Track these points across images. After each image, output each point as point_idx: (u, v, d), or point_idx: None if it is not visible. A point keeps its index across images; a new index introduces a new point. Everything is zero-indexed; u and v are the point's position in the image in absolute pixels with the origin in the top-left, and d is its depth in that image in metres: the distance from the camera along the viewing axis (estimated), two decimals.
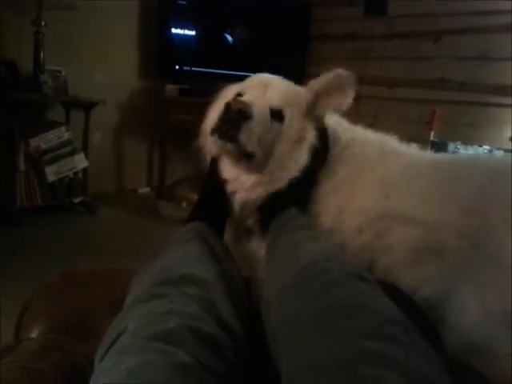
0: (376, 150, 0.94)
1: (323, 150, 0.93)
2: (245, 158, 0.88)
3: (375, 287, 0.56)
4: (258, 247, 0.94)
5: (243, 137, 0.83)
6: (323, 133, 0.94)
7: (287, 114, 0.91)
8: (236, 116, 0.82)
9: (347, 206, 0.88)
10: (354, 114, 1.05)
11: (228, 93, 1.00)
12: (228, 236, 0.99)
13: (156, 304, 0.55)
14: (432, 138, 3.04)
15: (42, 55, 2.81)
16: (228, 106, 0.83)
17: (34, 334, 0.72)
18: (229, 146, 0.85)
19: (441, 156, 1.07)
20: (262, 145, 0.87)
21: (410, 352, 0.43)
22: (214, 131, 0.86)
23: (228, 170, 0.95)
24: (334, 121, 0.99)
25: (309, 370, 0.44)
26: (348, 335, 0.45)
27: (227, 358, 0.52)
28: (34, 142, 2.76)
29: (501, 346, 0.67)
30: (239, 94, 0.93)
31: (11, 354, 0.57)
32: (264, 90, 0.92)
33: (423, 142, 2.66)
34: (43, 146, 2.80)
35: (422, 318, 0.70)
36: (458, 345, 0.69)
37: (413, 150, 0.98)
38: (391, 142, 0.98)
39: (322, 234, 0.84)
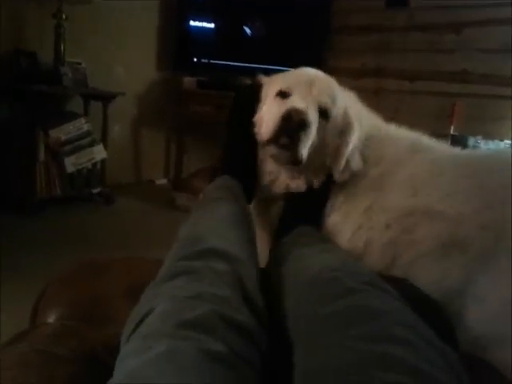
0: (406, 148, 0.94)
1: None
2: (294, 163, 0.89)
3: (388, 293, 0.56)
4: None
5: (302, 147, 0.83)
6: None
7: (333, 111, 0.91)
8: (296, 127, 0.82)
9: (376, 204, 0.90)
10: (374, 108, 1.04)
11: (272, 87, 0.98)
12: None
13: (183, 282, 0.54)
14: (452, 131, 2.99)
15: (62, 47, 2.84)
16: (289, 115, 0.82)
17: (50, 320, 0.73)
18: (285, 154, 0.86)
19: (467, 152, 1.08)
20: (310, 147, 0.88)
21: (420, 356, 0.42)
22: (271, 141, 0.86)
23: (270, 163, 0.95)
24: (367, 120, 0.99)
25: (321, 372, 0.44)
26: (360, 339, 0.45)
27: (258, 344, 0.52)
28: (53, 134, 2.79)
29: None
30: (284, 93, 0.92)
31: (27, 338, 0.57)
32: (310, 87, 0.91)
33: (443, 136, 2.62)
34: (63, 137, 2.83)
35: (437, 316, 0.70)
36: (476, 335, 0.69)
37: (442, 146, 0.98)
38: (421, 139, 0.98)
39: (334, 246, 0.85)
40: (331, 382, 0.42)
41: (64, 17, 2.80)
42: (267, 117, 0.91)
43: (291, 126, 0.82)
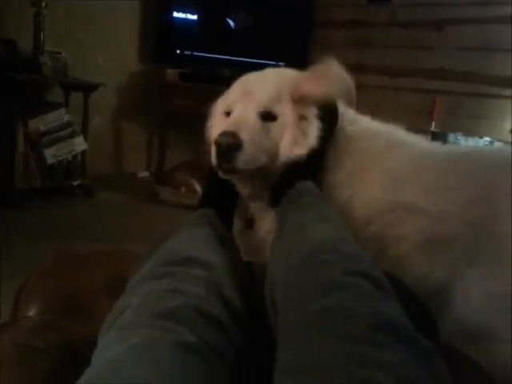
0: (383, 142, 0.95)
1: (330, 129, 0.94)
2: (252, 174, 0.90)
3: (379, 284, 0.55)
4: (265, 233, 0.95)
5: (241, 164, 0.84)
6: (329, 113, 0.94)
7: (278, 110, 0.92)
8: (228, 151, 0.83)
9: (356, 197, 0.90)
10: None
11: (218, 107, 1.01)
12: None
13: (161, 283, 0.56)
14: (433, 128, 3.03)
15: (41, 36, 2.78)
16: (217, 144, 0.84)
17: (31, 313, 0.73)
18: (232, 176, 0.90)
19: (447, 147, 1.09)
20: (263, 152, 0.88)
21: (407, 359, 0.43)
22: (216, 167, 0.87)
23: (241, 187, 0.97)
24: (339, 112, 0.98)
25: (300, 369, 0.44)
26: (344, 338, 0.45)
27: (232, 339, 0.53)
28: (33, 124, 2.74)
29: (501, 331, 0.70)
30: (227, 112, 0.95)
31: (7, 332, 0.57)
32: (249, 95, 0.92)
33: (424, 133, 2.66)
34: (42, 127, 2.78)
35: (420, 309, 0.71)
36: (460, 329, 0.71)
37: (420, 140, 0.99)
38: (398, 133, 0.98)
39: (334, 210, 0.84)
40: (310, 379, 0.42)
41: (44, 5, 2.74)
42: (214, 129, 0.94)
43: (223, 152, 0.83)
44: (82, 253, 0.92)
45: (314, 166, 0.93)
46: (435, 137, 2.92)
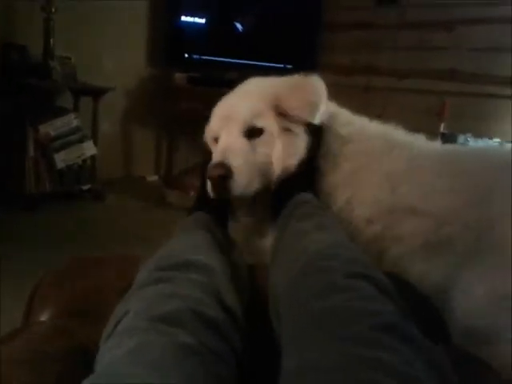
0: (380, 143, 0.94)
1: (316, 140, 0.94)
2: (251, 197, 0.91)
3: (380, 286, 0.55)
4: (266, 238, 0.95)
5: (236, 191, 0.85)
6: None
7: (262, 124, 0.92)
8: (220, 181, 0.84)
9: (354, 198, 0.90)
10: (362, 105, 1.05)
11: (208, 134, 1.02)
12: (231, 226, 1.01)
13: (159, 288, 0.56)
14: (442, 129, 3.02)
15: (51, 41, 2.81)
16: (209, 177, 0.85)
17: (43, 318, 0.73)
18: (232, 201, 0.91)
19: (446, 147, 1.08)
20: (255, 171, 0.89)
21: (408, 359, 0.42)
22: (213, 195, 0.88)
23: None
24: (329, 115, 0.97)
25: (307, 371, 0.44)
26: (346, 340, 0.45)
27: (231, 342, 0.53)
28: (43, 129, 2.77)
29: (502, 331, 0.69)
30: (215, 139, 0.96)
31: (19, 337, 0.58)
32: (230, 119, 0.93)
33: (433, 134, 2.64)
34: (52, 132, 2.81)
35: (427, 309, 0.70)
36: (461, 330, 0.71)
37: (418, 140, 0.98)
38: (396, 134, 0.97)
39: (333, 218, 0.84)
40: (312, 382, 0.42)
41: (53, 10, 2.77)
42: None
43: (216, 184, 0.85)
44: (93, 257, 0.92)
45: (307, 176, 0.93)
46: (445, 138, 2.90)
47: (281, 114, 0.92)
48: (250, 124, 0.91)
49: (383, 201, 0.86)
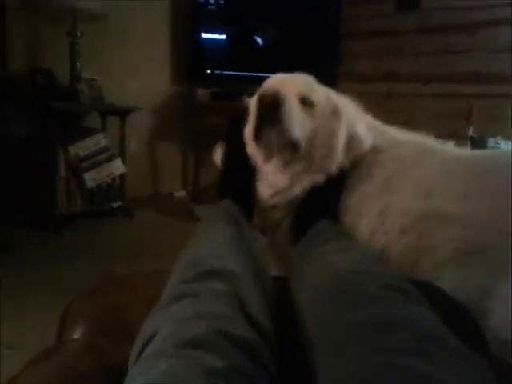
0: (411, 151, 0.93)
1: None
2: (289, 150, 0.88)
3: (414, 298, 0.54)
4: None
5: (285, 119, 0.83)
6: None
7: (315, 97, 0.91)
8: (272, 104, 0.81)
9: (387, 207, 0.88)
10: (386, 112, 1.04)
11: (252, 104, 1.01)
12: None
13: (183, 305, 0.55)
14: (471, 133, 2.95)
15: (77, 64, 2.90)
16: (260, 98, 0.82)
17: (76, 335, 0.74)
18: (272, 132, 0.85)
19: (477, 152, 1.05)
20: (303, 130, 0.87)
21: (447, 370, 0.41)
22: (255, 133, 0.86)
23: (272, 175, 0.94)
24: (365, 124, 0.97)
25: (340, 382, 0.44)
26: (384, 350, 0.44)
27: (260, 359, 0.51)
28: (72, 149, 2.84)
29: None
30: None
31: (52, 356, 0.58)
32: (285, 83, 0.92)
33: (461, 139, 2.59)
34: (82, 153, 2.88)
35: (464, 319, 0.68)
36: (497, 343, 0.68)
37: (449, 147, 0.96)
38: (426, 141, 0.96)
39: (356, 243, 0.83)
40: None
41: (79, 34, 2.86)
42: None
43: (266, 105, 0.81)
44: (124, 273, 0.93)
45: (332, 197, 0.91)
46: (474, 142, 2.84)
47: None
48: (305, 94, 0.90)
49: (416, 209, 0.84)
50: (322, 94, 0.93)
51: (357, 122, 0.92)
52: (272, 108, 0.82)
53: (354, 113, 0.97)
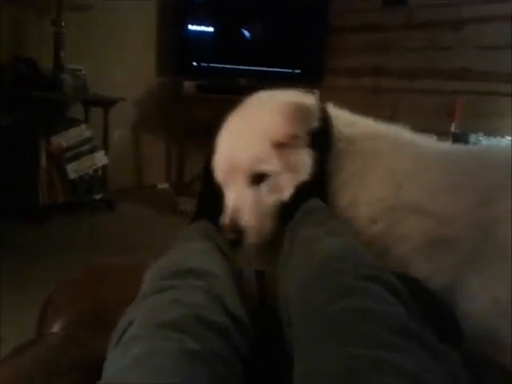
0: (386, 143, 0.93)
1: (325, 144, 0.92)
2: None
3: (392, 289, 0.55)
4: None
5: (249, 245, 0.86)
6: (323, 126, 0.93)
7: (266, 167, 0.89)
8: (236, 238, 0.85)
9: (359, 197, 0.88)
10: (372, 107, 1.04)
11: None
12: None
13: (162, 296, 0.56)
14: (453, 129, 2.99)
15: (62, 54, 2.85)
16: (225, 236, 0.85)
17: (55, 329, 0.73)
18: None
19: (453, 147, 1.07)
20: (267, 215, 0.88)
21: (421, 365, 0.42)
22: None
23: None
24: (331, 117, 0.95)
25: (317, 376, 0.44)
26: (358, 344, 0.44)
27: (236, 345, 0.52)
28: (55, 140, 2.80)
29: (506, 336, 0.68)
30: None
31: (30, 349, 0.58)
32: (235, 170, 0.91)
33: (445, 134, 2.62)
34: (64, 143, 2.84)
35: (441, 309, 0.69)
36: (467, 335, 0.69)
37: (426, 140, 0.97)
38: (403, 133, 0.96)
39: (345, 225, 0.83)
40: None
41: (63, 24, 2.81)
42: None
43: (232, 240, 0.85)
44: (106, 266, 0.92)
45: (317, 181, 0.92)
46: (456, 138, 2.87)
47: (280, 145, 0.89)
48: (253, 171, 0.89)
49: (386, 199, 0.85)
50: (270, 155, 0.90)
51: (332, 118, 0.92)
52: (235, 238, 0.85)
53: (332, 111, 0.96)
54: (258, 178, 0.89)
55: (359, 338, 0.45)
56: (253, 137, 0.92)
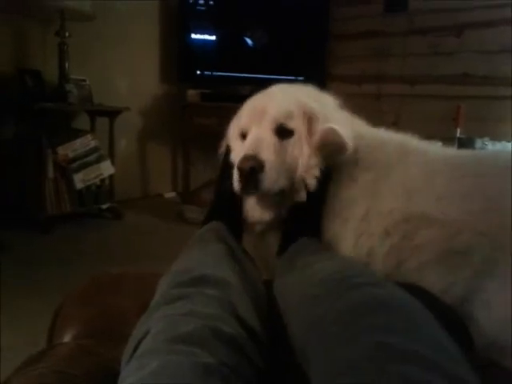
0: (395, 151, 0.93)
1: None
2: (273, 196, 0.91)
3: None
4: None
5: (265, 186, 0.85)
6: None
7: (292, 125, 0.92)
8: (251, 173, 0.84)
9: (373, 209, 0.88)
10: (375, 113, 1.04)
11: (233, 129, 1.02)
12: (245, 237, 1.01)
13: (176, 306, 0.56)
14: (458, 134, 2.98)
15: (66, 65, 2.87)
16: (240, 169, 0.85)
17: (66, 339, 0.74)
18: (256, 196, 0.91)
19: (460, 153, 1.05)
20: (283, 170, 0.88)
21: (436, 350, 0.43)
22: (240, 192, 0.88)
23: (251, 205, 0.97)
24: (349, 127, 0.96)
25: (338, 367, 0.44)
26: (373, 331, 0.45)
27: (251, 358, 0.52)
28: (61, 151, 2.82)
29: None
30: (243, 135, 0.95)
31: (43, 360, 0.58)
32: (262, 114, 0.92)
33: (449, 139, 2.62)
34: (70, 154, 2.86)
35: (450, 318, 0.69)
36: (483, 342, 0.69)
37: (433, 147, 0.97)
38: (411, 141, 0.96)
39: (339, 255, 0.86)
40: (349, 376, 0.42)
41: (67, 35, 2.83)
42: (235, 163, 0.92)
43: (246, 176, 0.84)
44: (114, 276, 0.92)
45: (316, 211, 0.92)
46: (461, 143, 2.86)
47: (309, 117, 0.92)
48: (281, 123, 0.91)
49: (399, 210, 0.84)
50: (299, 119, 0.92)
51: (340, 124, 0.92)
52: (251, 174, 0.84)
53: (338, 116, 0.97)
54: (282, 133, 0.90)
55: (371, 325, 0.46)
56: (286, 96, 0.95)
